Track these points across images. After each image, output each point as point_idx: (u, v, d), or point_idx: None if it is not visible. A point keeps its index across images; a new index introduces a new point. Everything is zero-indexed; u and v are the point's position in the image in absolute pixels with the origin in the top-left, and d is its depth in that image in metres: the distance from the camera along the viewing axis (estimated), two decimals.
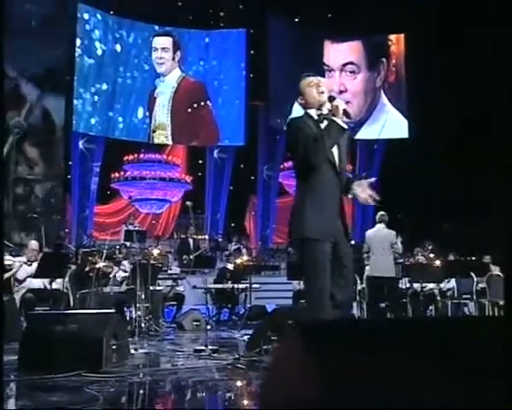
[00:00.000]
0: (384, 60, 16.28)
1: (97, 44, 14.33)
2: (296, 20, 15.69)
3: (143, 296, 7.28)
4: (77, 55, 13.86)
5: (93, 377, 3.94)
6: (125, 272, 7.83)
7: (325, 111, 3.47)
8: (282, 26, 15.52)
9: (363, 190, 3.56)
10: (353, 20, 15.21)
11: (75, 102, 13.74)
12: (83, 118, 14.03)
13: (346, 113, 3.43)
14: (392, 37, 16.37)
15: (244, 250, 13.76)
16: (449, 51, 13.60)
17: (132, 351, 5.37)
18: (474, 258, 11.71)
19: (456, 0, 13.11)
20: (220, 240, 14.03)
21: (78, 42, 13.83)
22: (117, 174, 14.69)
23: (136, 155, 14.76)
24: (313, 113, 3.51)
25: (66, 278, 7.31)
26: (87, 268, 7.28)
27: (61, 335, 4.37)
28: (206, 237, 13.89)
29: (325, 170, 3.41)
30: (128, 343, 5.24)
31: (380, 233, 8.57)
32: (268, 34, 15.25)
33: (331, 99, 3.47)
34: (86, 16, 14.16)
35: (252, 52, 15.33)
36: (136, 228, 12.34)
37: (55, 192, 13.03)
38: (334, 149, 3.48)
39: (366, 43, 16.20)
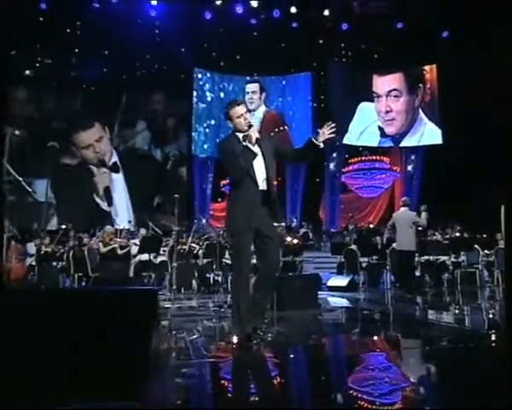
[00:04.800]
0: (421, 85, 15.68)
1: (207, 94, 15.24)
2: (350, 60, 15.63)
3: (214, 266, 7.92)
4: (194, 102, 15.00)
5: None
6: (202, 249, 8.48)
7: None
8: (339, 66, 15.50)
9: (323, 134, 3.27)
10: (395, 56, 14.86)
11: (193, 134, 14.87)
12: (198, 145, 15.06)
13: (257, 141, 3.29)
14: (427, 67, 15.72)
15: (310, 234, 14.04)
16: (471, 75, 12.89)
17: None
18: (485, 235, 11.11)
19: (474, 35, 12.43)
20: (293, 226, 14.33)
21: (194, 93, 14.96)
22: (224, 181, 15.60)
23: None
24: (239, 134, 3.37)
25: (166, 253, 8.19)
26: (178, 246, 8.02)
27: None
28: (283, 224, 14.19)
29: (247, 181, 3.29)
30: (157, 299, 5.50)
31: (403, 215, 8.42)
32: (328, 74, 15.37)
33: (249, 127, 3.32)
34: (200, 76, 15.17)
35: (316, 88, 15.43)
36: None
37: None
38: (260, 162, 3.32)
39: (406, 74, 15.68)
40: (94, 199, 14.21)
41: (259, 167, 3.33)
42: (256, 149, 3.31)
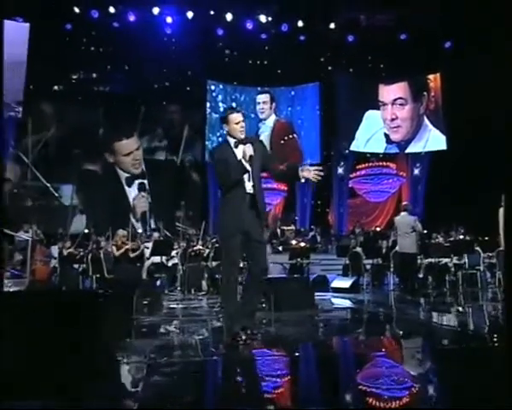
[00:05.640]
0: (425, 93, 15.50)
1: (220, 104, 15.26)
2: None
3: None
4: (207, 112, 15.12)
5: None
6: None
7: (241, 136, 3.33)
8: (346, 76, 15.44)
9: (309, 172, 3.25)
10: (399, 66, 14.81)
11: (206, 142, 14.95)
12: None
13: (250, 158, 3.29)
14: (431, 76, 15.52)
15: (318, 237, 14.00)
16: (473, 83, 12.74)
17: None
18: (486, 238, 10.90)
19: (475, 42, 12.30)
20: (302, 230, 14.31)
21: (207, 104, 15.09)
22: None
23: None
24: (232, 141, 3.40)
25: (178, 256, 8.29)
26: (189, 249, 8.12)
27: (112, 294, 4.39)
28: (293, 227, 14.20)
29: (236, 189, 3.31)
30: (161, 300, 5.56)
31: (404, 219, 8.38)
32: (335, 84, 15.32)
33: (244, 141, 3.33)
34: (213, 87, 15.25)
35: (323, 98, 15.38)
36: None
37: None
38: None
39: (411, 83, 15.54)
40: (130, 220, 14.47)
41: (249, 174, 3.35)
42: (248, 166, 3.33)
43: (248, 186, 3.34)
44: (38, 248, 9.53)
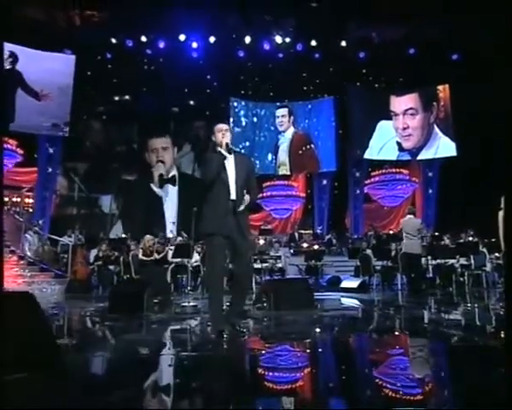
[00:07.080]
0: (435, 103, 15.16)
1: (242, 119, 15.45)
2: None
3: None
4: (230, 127, 15.17)
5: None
6: None
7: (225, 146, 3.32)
8: (359, 89, 15.33)
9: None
10: (410, 78, 14.57)
11: None
12: None
13: (227, 146, 3.32)
14: (440, 87, 15.18)
15: (334, 240, 13.88)
16: (480, 93, 12.38)
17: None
18: (493, 239, 10.52)
19: (481, 57, 11.96)
20: (319, 233, 14.25)
21: (231, 119, 15.28)
22: (260, 195, 15.70)
23: (269, 182, 15.57)
24: (220, 149, 3.39)
25: (200, 258, 8.45)
26: None
27: (123, 293, 4.78)
28: (311, 231, 14.17)
29: (221, 189, 3.24)
30: (171, 299, 5.55)
31: (409, 222, 8.25)
32: (349, 97, 15.19)
33: (229, 151, 3.36)
34: (235, 104, 15.45)
35: (338, 110, 15.30)
36: (265, 227, 13.24)
37: None
38: (232, 175, 3.28)
39: (421, 94, 15.23)
40: (150, 187, 14.86)
41: (232, 179, 3.29)
42: (226, 154, 3.30)
43: (232, 191, 3.27)
44: (79, 251, 10.00)
